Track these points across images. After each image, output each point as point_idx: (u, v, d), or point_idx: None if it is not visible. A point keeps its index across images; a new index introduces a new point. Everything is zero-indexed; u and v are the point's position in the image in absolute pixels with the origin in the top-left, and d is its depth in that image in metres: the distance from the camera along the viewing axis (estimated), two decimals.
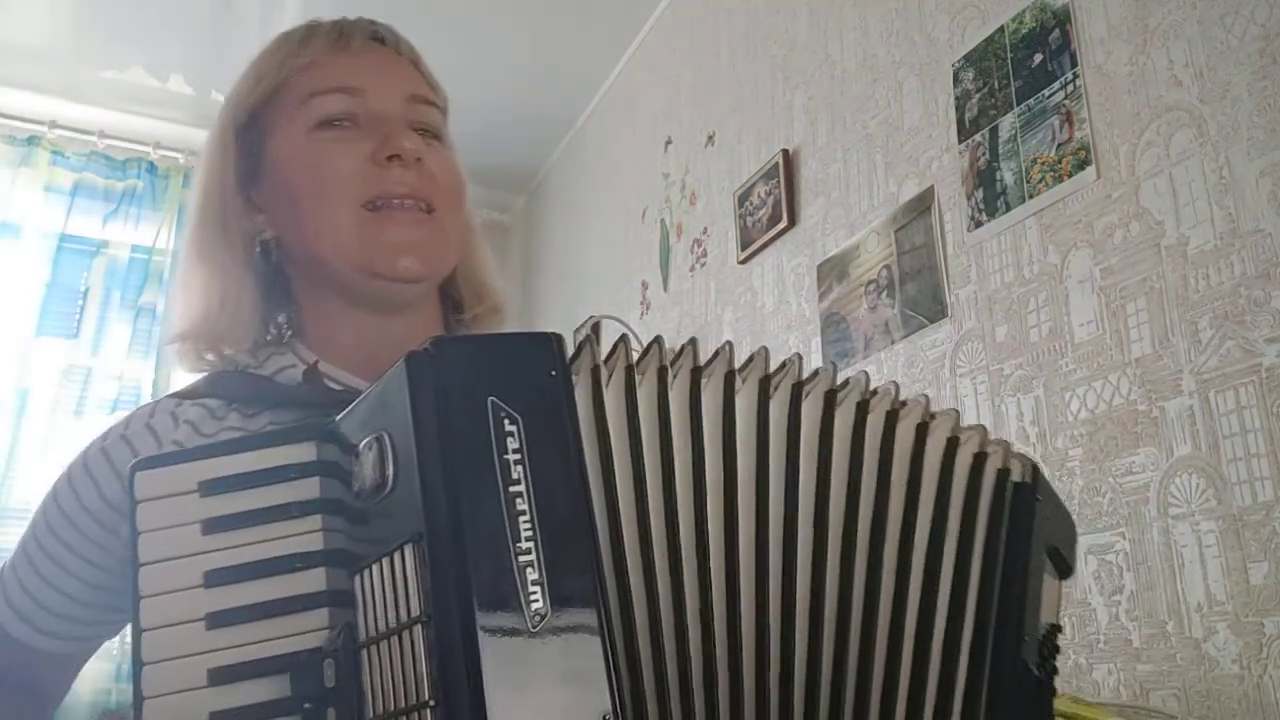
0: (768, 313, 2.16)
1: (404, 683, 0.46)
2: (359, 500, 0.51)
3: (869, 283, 1.81)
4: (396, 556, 0.48)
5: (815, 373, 0.58)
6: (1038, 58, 1.50)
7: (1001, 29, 1.58)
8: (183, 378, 0.79)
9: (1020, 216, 1.49)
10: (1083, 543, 1.31)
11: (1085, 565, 1.30)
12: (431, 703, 0.44)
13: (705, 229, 2.51)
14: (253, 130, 0.78)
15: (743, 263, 2.27)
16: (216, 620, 0.52)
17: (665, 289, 2.70)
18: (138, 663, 0.51)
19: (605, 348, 0.53)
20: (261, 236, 0.78)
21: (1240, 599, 1.10)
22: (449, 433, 0.47)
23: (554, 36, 3.07)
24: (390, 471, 0.49)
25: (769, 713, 0.52)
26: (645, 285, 2.84)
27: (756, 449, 0.55)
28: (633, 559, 0.50)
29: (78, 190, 3.30)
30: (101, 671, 2.74)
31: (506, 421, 0.47)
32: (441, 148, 0.80)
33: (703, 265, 2.50)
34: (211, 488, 0.54)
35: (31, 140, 3.28)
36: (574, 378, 0.51)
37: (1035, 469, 0.63)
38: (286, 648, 0.51)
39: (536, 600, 0.45)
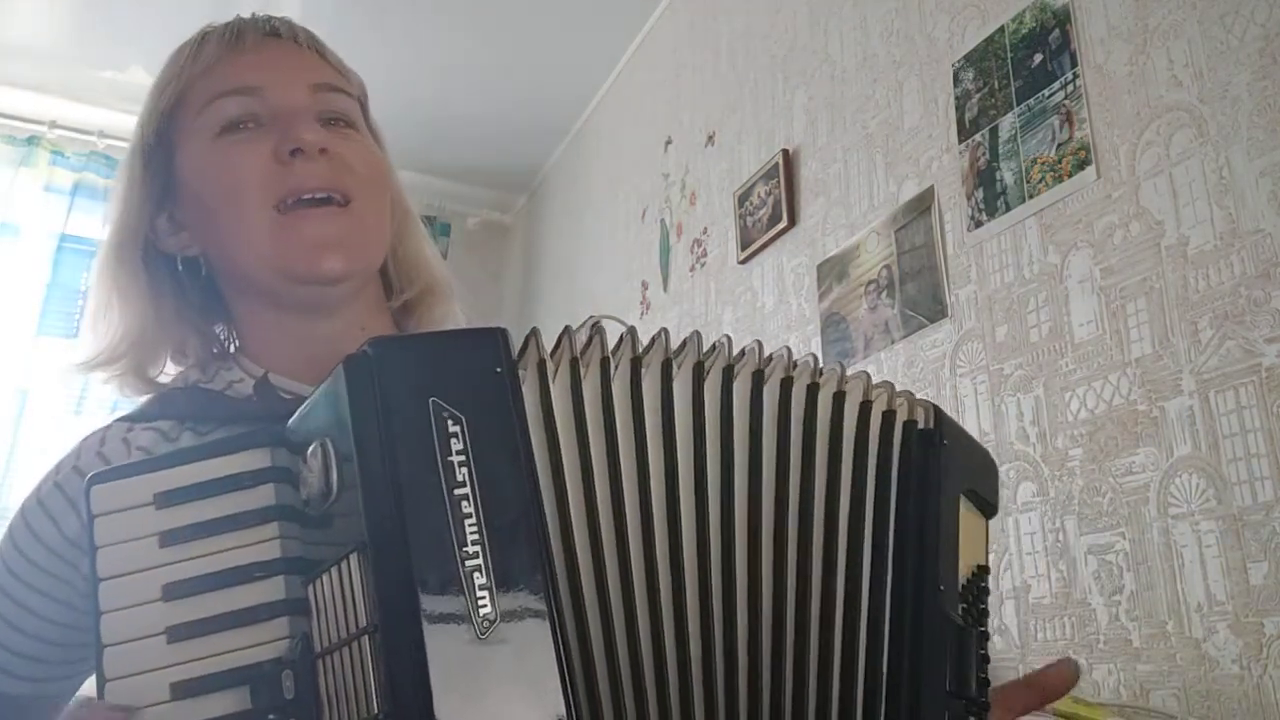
0: (768, 313, 2.16)
1: (356, 694, 0.45)
2: (309, 508, 0.50)
3: (869, 283, 1.81)
4: (344, 565, 0.47)
5: (742, 352, 0.58)
6: (1038, 58, 1.50)
7: (1001, 29, 1.58)
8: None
9: (1020, 216, 1.49)
10: (1083, 543, 1.31)
11: (1085, 565, 1.30)
12: (381, 715, 0.43)
13: (705, 229, 2.51)
14: (161, 148, 0.75)
15: (743, 263, 2.27)
16: (177, 634, 0.51)
17: (665, 289, 2.70)
18: (101, 679, 0.51)
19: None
20: (186, 253, 0.75)
21: (1240, 599, 1.10)
22: (389, 437, 0.46)
23: (555, 37, 3.08)
24: (334, 478, 0.48)
25: (716, 704, 0.52)
26: (645, 285, 2.84)
27: (694, 434, 0.55)
28: (583, 555, 0.50)
29: (78, 190, 3.31)
30: None
31: (450, 422, 0.46)
32: (356, 135, 0.76)
33: (703, 265, 2.50)
34: (167, 499, 0.53)
35: (31, 140, 3.29)
36: (521, 373, 0.50)
37: (938, 412, 0.61)
38: (247, 659, 0.50)
39: (485, 605, 0.44)
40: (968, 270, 1.58)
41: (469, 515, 0.45)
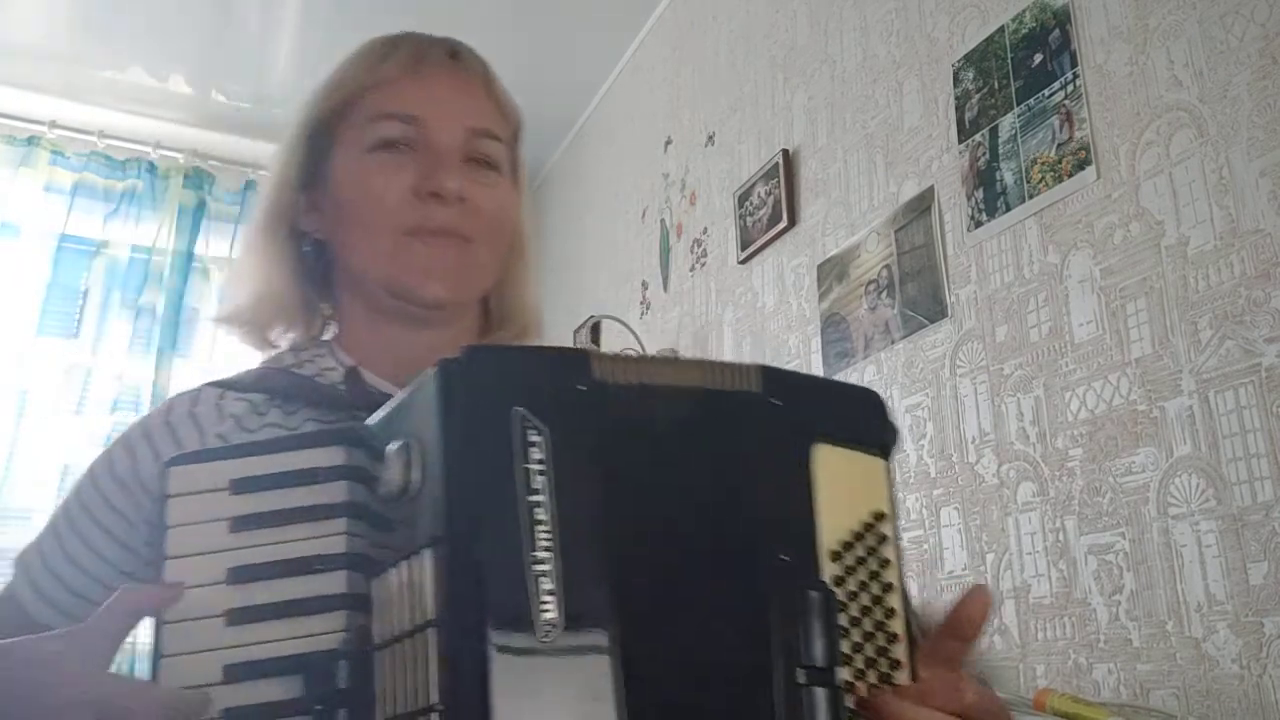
0: (768, 313, 2.16)
1: (413, 686, 0.46)
2: (383, 505, 0.51)
3: (869, 283, 1.81)
4: (415, 560, 0.48)
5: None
6: (1038, 58, 1.50)
7: (1001, 29, 1.58)
8: (182, 378, 0.81)
9: (1020, 216, 1.49)
10: (1083, 543, 1.31)
11: (1085, 565, 1.30)
12: (440, 707, 0.44)
13: (705, 229, 2.51)
14: (323, 137, 0.81)
15: (743, 263, 2.27)
16: (236, 617, 0.52)
17: (665, 289, 2.70)
18: (157, 655, 0.52)
19: (604, 347, 0.53)
20: (315, 234, 0.82)
21: (1240, 599, 1.10)
22: (473, 440, 0.47)
23: (555, 37, 3.07)
24: (415, 476, 0.49)
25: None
26: (645, 285, 2.84)
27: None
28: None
29: (78, 190, 3.30)
30: None
31: (532, 432, 0.48)
32: (496, 178, 0.81)
33: (703, 265, 2.50)
34: (242, 486, 0.55)
35: (31, 140, 3.29)
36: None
37: (765, 373, 0.55)
38: (302, 648, 0.52)
39: (549, 611, 0.45)
40: (968, 270, 1.58)
41: (542, 522, 0.46)
